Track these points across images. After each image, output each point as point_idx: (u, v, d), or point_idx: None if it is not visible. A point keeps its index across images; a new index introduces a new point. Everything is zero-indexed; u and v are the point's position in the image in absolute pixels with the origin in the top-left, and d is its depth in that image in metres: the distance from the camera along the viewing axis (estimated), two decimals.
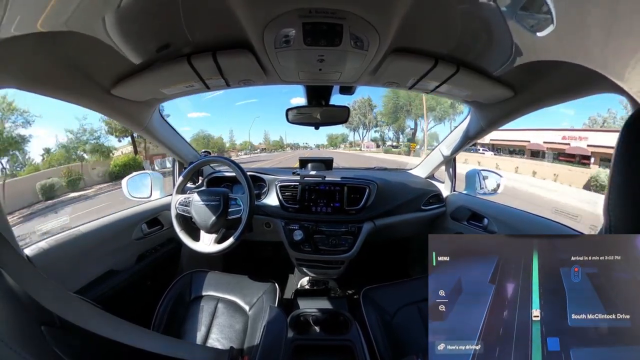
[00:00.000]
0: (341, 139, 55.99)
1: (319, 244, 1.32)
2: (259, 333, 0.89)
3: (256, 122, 73.90)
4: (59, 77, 0.75)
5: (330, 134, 57.45)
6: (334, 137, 57.04)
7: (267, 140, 58.88)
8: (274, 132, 74.10)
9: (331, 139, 57.87)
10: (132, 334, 0.53)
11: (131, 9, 0.57)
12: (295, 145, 64.96)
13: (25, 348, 0.41)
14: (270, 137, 61.05)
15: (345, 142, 53.46)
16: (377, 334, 1.00)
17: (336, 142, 57.18)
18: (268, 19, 0.61)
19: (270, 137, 60.92)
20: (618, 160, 0.43)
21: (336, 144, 56.86)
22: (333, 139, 57.48)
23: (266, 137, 60.18)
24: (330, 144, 58.25)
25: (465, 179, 1.61)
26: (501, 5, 0.56)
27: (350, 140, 52.29)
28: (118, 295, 1.07)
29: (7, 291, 0.48)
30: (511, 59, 0.74)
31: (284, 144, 62.05)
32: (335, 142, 57.18)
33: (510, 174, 14.74)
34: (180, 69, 0.83)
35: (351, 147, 49.39)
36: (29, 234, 7.18)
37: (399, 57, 0.81)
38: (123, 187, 1.39)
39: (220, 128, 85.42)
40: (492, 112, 1.13)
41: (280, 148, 59.52)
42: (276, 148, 59.20)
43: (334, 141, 57.35)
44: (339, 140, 56.80)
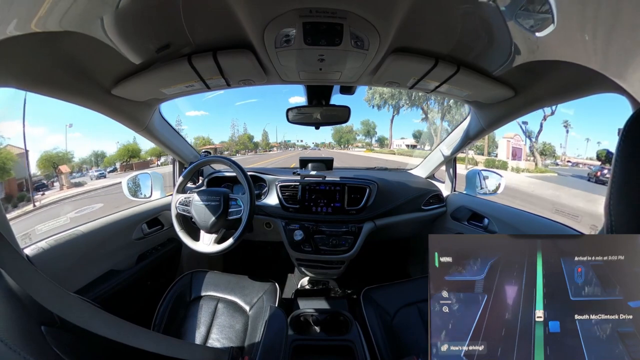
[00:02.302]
0: (352, 136, 40.82)
1: (319, 244, 1.32)
2: (259, 333, 0.89)
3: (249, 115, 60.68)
4: (59, 77, 0.75)
5: (341, 127, 37.88)
6: (345, 132, 41.04)
7: (231, 139, 42.17)
8: (264, 123, 62.35)
9: (340, 134, 42.27)
10: (132, 334, 0.53)
11: (131, 9, 0.57)
12: (287, 143, 48.83)
13: (25, 348, 0.41)
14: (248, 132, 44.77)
15: (370, 139, 37.33)
16: (378, 334, 0.99)
17: (348, 138, 41.49)
18: (268, 18, 0.61)
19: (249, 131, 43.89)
20: (619, 159, 0.43)
21: (347, 141, 41.20)
22: (344, 133, 41.44)
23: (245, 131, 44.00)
24: (339, 141, 43.57)
25: (466, 179, 1.61)
26: (501, 5, 0.56)
27: (378, 137, 37.63)
28: (118, 295, 1.07)
29: (7, 291, 0.48)
30: (511, 59, 0.74)
31: (268, 141, 45.69)
32: (348, 139, 41.57)
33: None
34: (180, 69, 0.83)
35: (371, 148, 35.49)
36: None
37: (399, 57, 0.81)
38: (123, 187, 1.39)
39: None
40: (492, 112, 1.13)
41: (246, 148, 40.94)
42: (241, 148, 40.92)
43: (346, 137, 41.68)
44: (349, 136, 40.82)
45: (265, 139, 48.04)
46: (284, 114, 1.25)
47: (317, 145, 50.79)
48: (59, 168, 16.36)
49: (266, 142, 47.58)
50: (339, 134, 43.58)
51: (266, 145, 46.90)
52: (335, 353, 1.01)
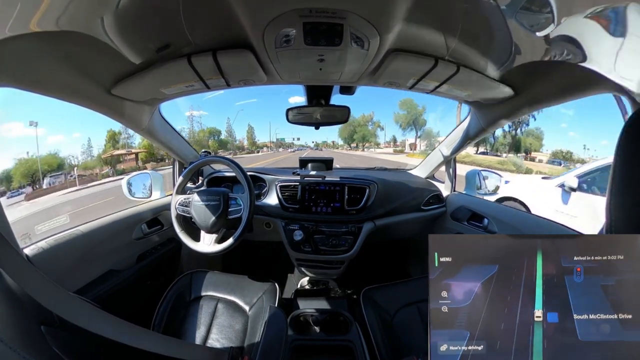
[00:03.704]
0: (369, 131, 31.60)
1: (319, 244, 1.32)
2: (259, 333, 0.89)
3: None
4: (59, 77, 0.75)
5: (352, 119, 25.75)
6: (359, 124, 31.77)
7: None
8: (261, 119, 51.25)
9: (350, 129, 32.66)
10: (132, 334, 0.53)
11: (131, 9, 0.57)
12: (283, 142, 40.71)
13: (25, 348, 0.41)
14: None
15: (415, 130, 27.59)
16: (377, 334, 0.99)
17: (365, 133, 31.67)
18: (268, 18, 0.61)
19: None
20: (619, 159, 0.43)
21: (363, 137, 31.78)
22: (359, 126, 32.06)
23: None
24: (350, 138, 33.61)
25: (465, 179, 1.61)
26: (501, 5, 0.56)
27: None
28: (118, 295, 1.07)
29: (7, 291, 0.48)
30: (511, 59, 0.74)
31: (254, 139, 35.77)
32: (364, 135, 32.01)
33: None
34: (180, 69, 0.83)
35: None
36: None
37: (399, 57, 0.81)
38: (123, 187, 1.39)
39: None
40: (492, 112, 1.13)
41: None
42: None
43: (361, 132, 31.88)
44: (365, 130, 31.25)
45: (250, 137, 37.46)
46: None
47: (317, 145, 44.25)
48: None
49: (252, 140, 37.05)
50: (348, 129, 33.47)
51: (252, 145, 37.64)
52: (335, 353, 1.01)
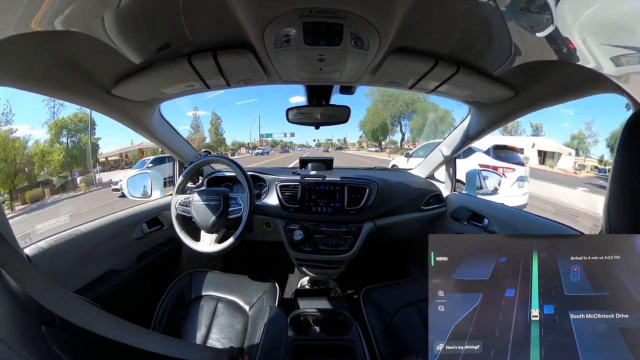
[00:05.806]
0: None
1: (319, 244, 1.32)
2: (259, 333, 0.89)
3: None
4: (59, 77, 0.75)
5: (386, 90, 20.33)
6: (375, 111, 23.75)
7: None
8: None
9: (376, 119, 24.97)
10: (132, 334, 0.53)
11: (131, 9, 0.57)
12: (267, 139, 32.35)
13: (25, 348, 0.41)
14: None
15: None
16: (377, 334, 1.00)
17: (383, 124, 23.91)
18: (268, 18, 0.61)
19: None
20: (618, 160, 0.43)
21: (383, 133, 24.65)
22: (378, 112, 23.98)
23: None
24: (376, 132, 25.91)
25: (465, 179, 1.61)
26: (501, 5, 0.56)
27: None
28: (118, 295, 1.07)
29: (7, 291, 0.48)
30: (511, 59, 0.74)
31: (220, 134, 26.10)
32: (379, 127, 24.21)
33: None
34: (180, 69, 0.83)
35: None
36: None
37: (399, 57, 0.81)
38: (123, 187, 1.39)
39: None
40: (492, 112, 1.13)
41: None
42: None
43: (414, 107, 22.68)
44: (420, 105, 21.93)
45: (214, 130, 26.64)
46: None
47: (319, 144, 38.13)
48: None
49: (217, 134, 25.47)
50: (374, 118, 24.52)
51: (217, 143, 26.59)
52: (335, 353, 1.01)
